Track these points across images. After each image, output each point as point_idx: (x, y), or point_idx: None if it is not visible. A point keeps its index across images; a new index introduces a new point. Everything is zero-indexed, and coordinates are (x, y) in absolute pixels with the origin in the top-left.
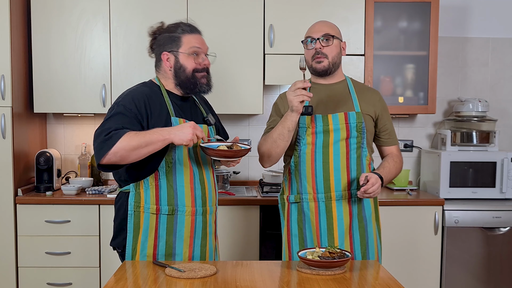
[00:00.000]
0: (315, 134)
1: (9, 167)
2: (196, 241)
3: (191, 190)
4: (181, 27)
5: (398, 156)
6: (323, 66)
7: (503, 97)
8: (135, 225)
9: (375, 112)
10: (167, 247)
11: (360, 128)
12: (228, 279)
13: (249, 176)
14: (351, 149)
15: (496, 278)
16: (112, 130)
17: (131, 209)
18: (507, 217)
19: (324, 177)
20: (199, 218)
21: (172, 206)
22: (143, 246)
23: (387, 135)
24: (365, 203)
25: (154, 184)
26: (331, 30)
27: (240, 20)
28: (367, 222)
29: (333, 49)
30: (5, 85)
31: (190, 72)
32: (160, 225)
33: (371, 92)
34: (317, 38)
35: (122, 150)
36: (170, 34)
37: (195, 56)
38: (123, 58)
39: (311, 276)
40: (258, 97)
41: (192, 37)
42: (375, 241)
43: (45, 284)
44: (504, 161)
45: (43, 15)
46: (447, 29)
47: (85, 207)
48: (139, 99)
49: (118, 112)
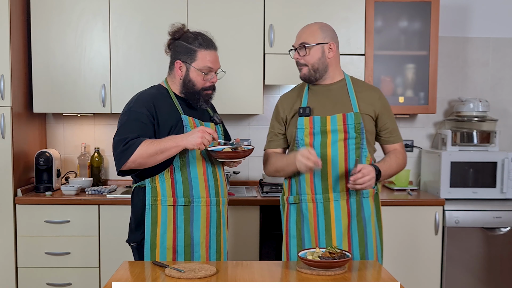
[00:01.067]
0: (313, 135)
1: (9, 167)
2: (211, 230)
3: (205, 182)
4: (199, 40)
5: (401, 153)
6: (303, 74)
7: (504, 97)
8: (153, 219)
9: (374, 111)
10: (186, 237)
11: (359, 129)
12: (228, 279)
13: (249, 176)
14: (349, 150)
15: (497, 278)
16: (129, 140)
17: (149, 203)
18: (508, 217)
19: (322, 178)
20: (213, 208)
21: (188, 197)
22: (163, 238)
23: (388, 133)
24: (365, 204)
25: (170, 177)
26: (309, 37)
27: (240, 20)
28: (366, 223)
29: (311, 56)
30: (5, 85)
31: (198, 89)
32: (178, 216)
33: (371, 90)
34: (295, 48)
35: (139, 159)
36: (187, 44)
37: (205, 74)
38: (122, 58)
39: (311, 276)
40: (258, 97)
41: (207, 54)
42: (375, 241)
43: (44, 284)
44: (505, 161)
45: (42, 15)
46: (448, 29)
47: (85, 207)
48: (148, 101)
49: (132, 118)
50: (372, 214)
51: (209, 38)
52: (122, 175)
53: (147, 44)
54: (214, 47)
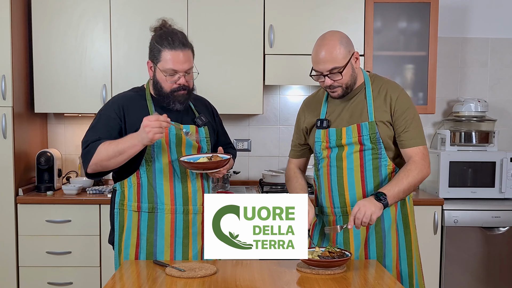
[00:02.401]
0: (330, 149)
1: (10, 167)
2: (177, 240)
3: (170, 189)
4: (167, 39)
5: (415, 162)
6: (338, 95)
7: (502, 97)
8: (120, 223)
9: (390, 116)
10: (148, 245)
11: (375, 139)
12: (228, 278)
13: (249, 176)
14: (365, 161)
15: (495, 277)
16: (90, 143)
17: (117, 207)
18: (506, 217)
19: (339, 192)
20: (179, 217)
21: (152, 204)
22: (126, 243)
23: (401, 137)
24: (385, 215)
25: (136, 182)
26: (337, 59)
27: (240, 20)
28: (385, 234)
29: (345, 76)
30: (6, 85)
31: (166, 91)
32: (141, 222)
33: (388, 93)
34: (324, 75)
35: (100, 161)
36: (155, 43)
37: (170, 76)
38: (123, 58)
39: (311, 275)
40: (258, 97)
41: (171, 55)
42: (396, 252)
43: (45, 283)
44: (503, 161)
45: (43, 16)
46: (447, 29)
47: (86, 207)
48: (118, 103)
49: (97, 121)
50: (393, 224)
51: (179, 37)
52: (90, 178)
53: (148, 44)
54: (181, 47)
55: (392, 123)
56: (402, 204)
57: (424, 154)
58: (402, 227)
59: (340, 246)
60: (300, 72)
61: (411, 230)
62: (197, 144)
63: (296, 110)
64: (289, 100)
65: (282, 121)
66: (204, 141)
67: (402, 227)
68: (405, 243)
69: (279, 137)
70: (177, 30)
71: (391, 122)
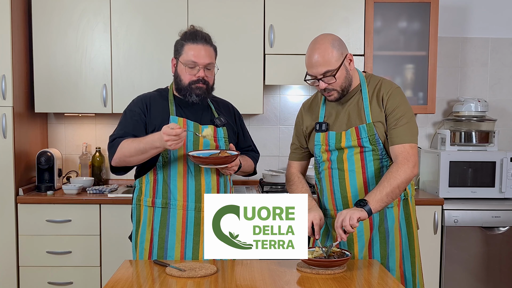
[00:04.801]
0: (329, 151)
1: (10, 166)
2: (188, 236)
3: (183, 185)
4: (189, 34)
5: (397, 163)
6: (334, 98)
7: (503, 97)
8: (137, 218)
9: (384, 115)
10: (160, 240)
11: (374, 141)
12: (228, 278)
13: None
14: (367, 162)
15: (495, 277)
16: (115, 138)
17: (134, 202)
18: (506, 217)
19: (342, 193)
20: (191, 214)
21: (165, 199)
22: (142, 238)
23: (389, 134)
24: (388, 214)
25: (153, 178)
26: (330, 61)
27: (240, 20)
28: (388, 233)
29: (339, 79)
30: (6, 85)
31: (185, 84)
32: (155, 217)
33: (381, 91)
34: (318, 79)
35: (122, 156)
36: (179, 39)
37: (190, 68)
38: (123, 58)
39: (311, 275)
40: (258, 97)
41: (192, 48)
42: (400, 251)
43: (46, 283)
44: (504, 161)
45: (44, 15)
46: (447, 29)
47: (86, 207)
48: (142, 101)
49: (124, 118)
50: (397, 223)
51: (200, 32)
52: (114, 172)
53: (148, 44)
54: (203, 42)
55: (386, 121)
56: (405, 203)
57: (408, 153)
58: (405, 227)
59: (344, 246)
60: (300, 72)
61: (413, 230)
62: (214, 143)
63: (296, 110)
64: (289, 100)
65: (282, 121)
66: (222, 141)
67: (405, 226)
68: (408, 242)
69: (279, 137)
70: (203, 31)
71: (385, 123)
